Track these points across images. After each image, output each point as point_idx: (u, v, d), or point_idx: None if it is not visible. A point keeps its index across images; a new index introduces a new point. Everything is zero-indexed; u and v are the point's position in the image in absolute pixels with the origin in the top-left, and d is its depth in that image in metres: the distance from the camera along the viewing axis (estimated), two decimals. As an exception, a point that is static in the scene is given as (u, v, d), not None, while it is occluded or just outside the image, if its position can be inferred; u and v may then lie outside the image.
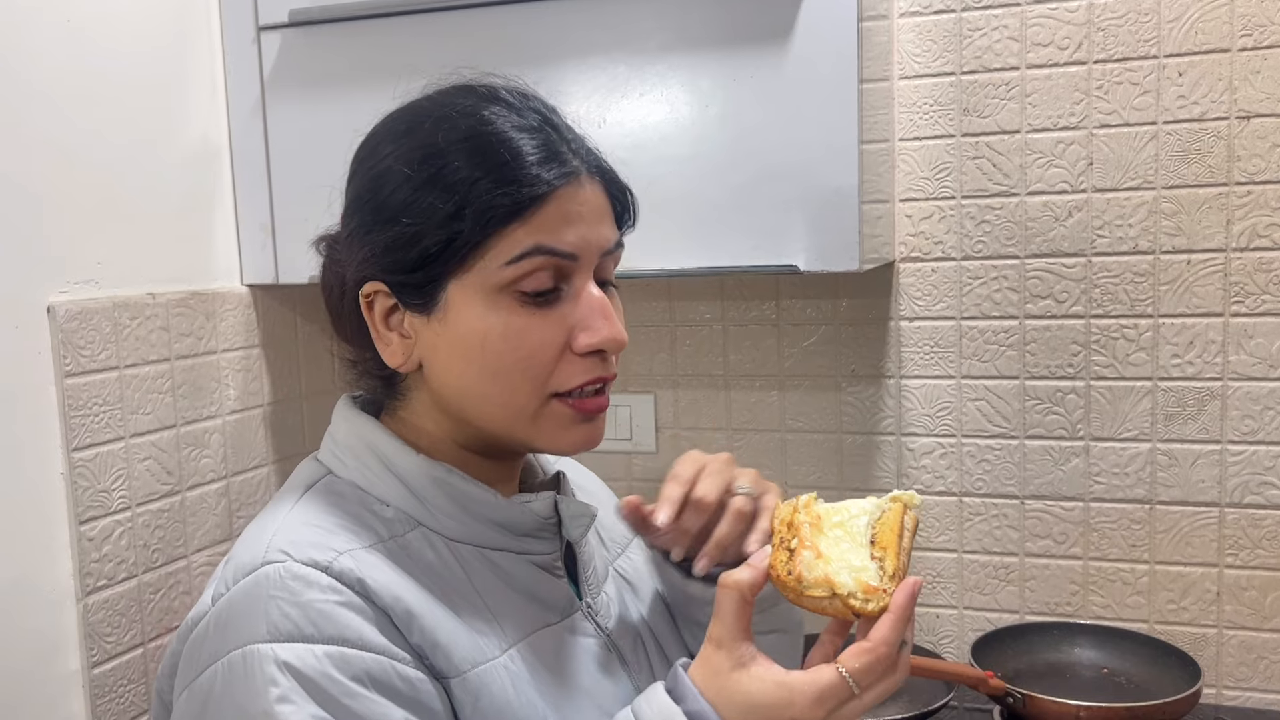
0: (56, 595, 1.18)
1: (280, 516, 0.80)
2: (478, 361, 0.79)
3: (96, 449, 1.22)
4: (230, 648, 0.71)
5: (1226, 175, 1.40)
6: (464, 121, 0.79)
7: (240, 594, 0.74)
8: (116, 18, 1.28)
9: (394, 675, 0.72)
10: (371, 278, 0.81)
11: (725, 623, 0.72)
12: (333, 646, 0.70)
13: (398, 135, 0.82)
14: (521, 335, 0.78)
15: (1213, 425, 1.44)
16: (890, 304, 1.55)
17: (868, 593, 0.69)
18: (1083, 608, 1.52)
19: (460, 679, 0.76)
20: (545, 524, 0.86)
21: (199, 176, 1.41)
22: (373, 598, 0.74)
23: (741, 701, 0.70)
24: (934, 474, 1.56)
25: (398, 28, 1.36)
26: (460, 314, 0.79)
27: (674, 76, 1.28)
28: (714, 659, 0.72)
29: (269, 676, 0.69)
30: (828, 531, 0.73)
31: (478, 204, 0.76)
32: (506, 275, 0.77)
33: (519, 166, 0.77)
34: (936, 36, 1.48)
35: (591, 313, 0.80)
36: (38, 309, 1.17)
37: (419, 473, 0.82)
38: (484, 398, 0.80)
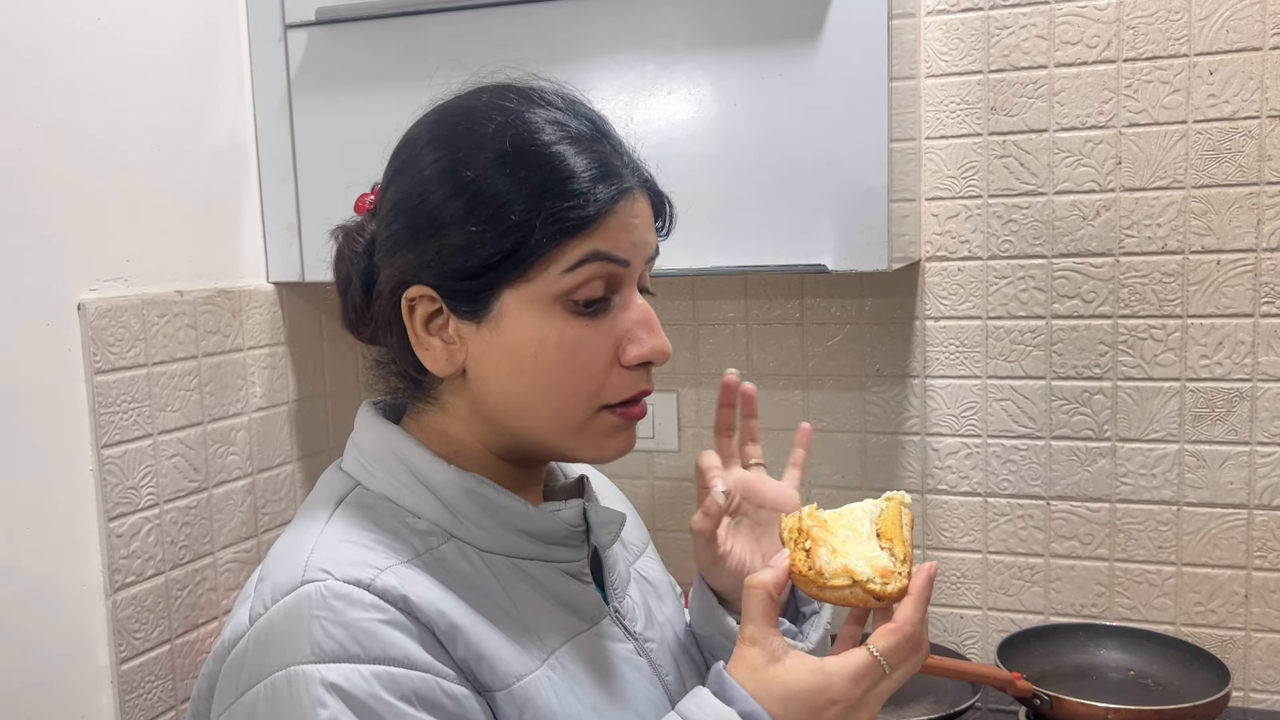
0: (86, 591, 1.19)
1: (315, 532, 0.78)
2: (530, 372, 0.78)
3: (125, 446, 1.23)
4: (273, 669, 0.70)
5: (1257, 175, 1.38)
6: (525, 129, 0.78)
7: (280, 614, 0.72)
8: (145, 16, 1.28)
9: (440, 693, 0.71)
10: (418, 282, 0.79)
11: (755, 620, 0.75)
12: (380, 666, 0.70)
13: (452, 138, 0.80)
14: (575, 346, 0.78)
15: (1241, 426, 1.43)
16: (915, 303, 1.55)
17: (885, 576, 0.75)
18: (1109, 609, 1.51)
19: (506, 692, 0.75)
20: (574, 531, 0.85)
21: (226, 174, 1.41)
22: (416, 614, 0.73)
23: (781, 692, 0.72)
24: (959, 474, 1.56)
25: (424, 26, 1.36)
26: (514, 323, 0.78)
27: (702, 74, 1.28)
28: (749, 656, 0.74)
29: (316, 698, 0.68)
30: (836, 532, 0.78)
31: (546, 216, 0.75)
32: (565, 284, 0.77)
33: (587, 180, 0.77)
34: (964, 35, 1.47)
35: (639, 324, 0.80)
36: (68, 306, 1.17)
37: (451, 484, 0.81)
38: (532, 409, 0.80)
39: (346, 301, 0.86)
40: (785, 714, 0.72)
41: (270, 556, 0.80)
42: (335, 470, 0.87)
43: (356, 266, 0.84)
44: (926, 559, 1.58)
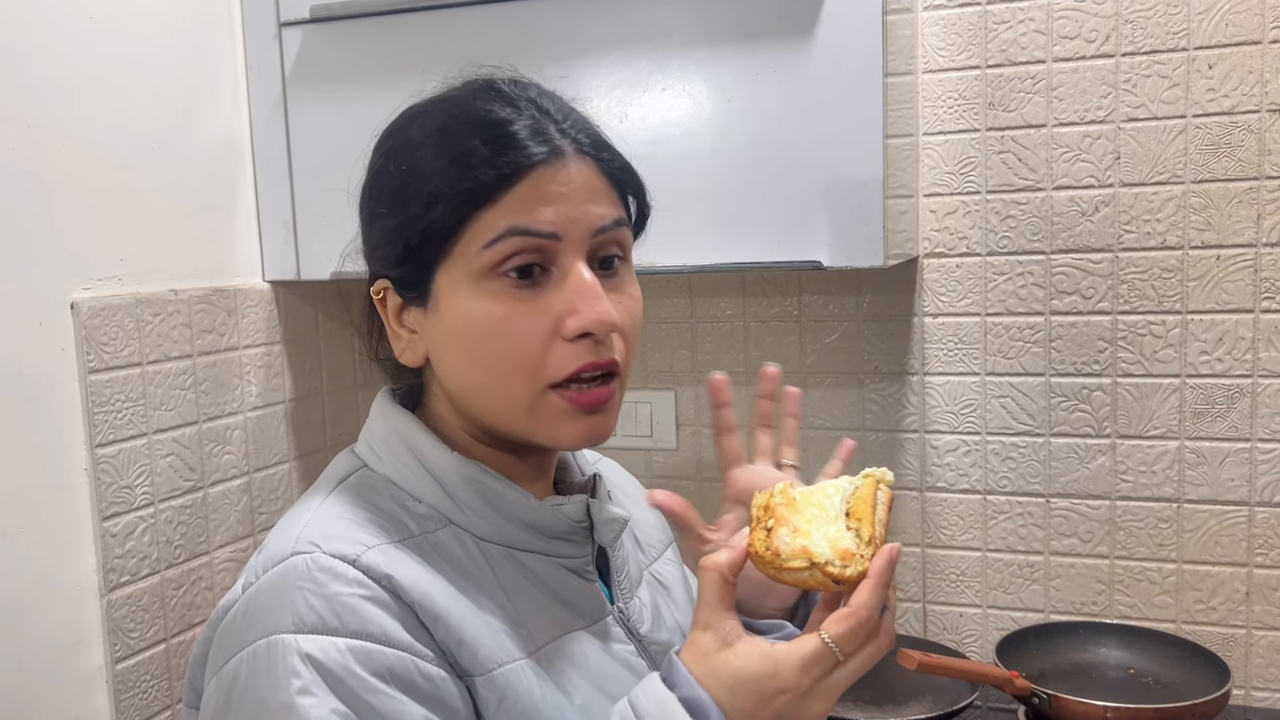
0: (80, 591, 1.19)
1: (313, 508, 0.80)
2: (466, 351, 0.79)
3: (119, 445, 1.22)
4: (255, 636, 0.72)
5: (1257, 169, 1.38)
6: (443, 113, 0.81)
7: (268, 583, 0.74)
8: (139, 14, 1.28)
9: (416, 672, 0.72)
10: (379, 275, 0.84)
11: (709, 604, 0.73)
12: (356, 641, 0.71)
13: (390, 134, 0.84)
14: (506, 321, 0.77)
15: (1242, 423, 1.42)
16: (914, 300, 1.54)
17: (845, 558, 0.70)
18: (1109, 607, 1.50)
19: (486, 677, 0.75)
20: (576, 527, 0.85)
21: (221, 173, 1.41)
22: (399, 593, 0.74)
23: (729, 678, 0.70)
24: (958, 472, 1.55)
25: (419, 23, 1.35)
26: (448, 304, 0.79)
27: (696, 71, 1.27)
28: (701, 641, 0.72)
29: (291, 668, 0.69)
30: (804, 510, 0.74)
31: (447, 190, 0.77)
32: (486, 259, 0.76)
33: (488, 151, 0.76)
34: (961, 30, 1.46)
35: (578, 295, 0.77)
36: (61, 305, 1.17)
37: (453, 471, 0.82)
38: (480, 389, 0.80)
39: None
40: (733, 701, 0.70)
41: (272, 531, 0.82)
42: (348, 453, 0.89)
43: None
44: (925, 556, 1.57)
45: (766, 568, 0.72)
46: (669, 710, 0.70)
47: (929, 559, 1.58)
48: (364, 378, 1.67)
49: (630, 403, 1.67)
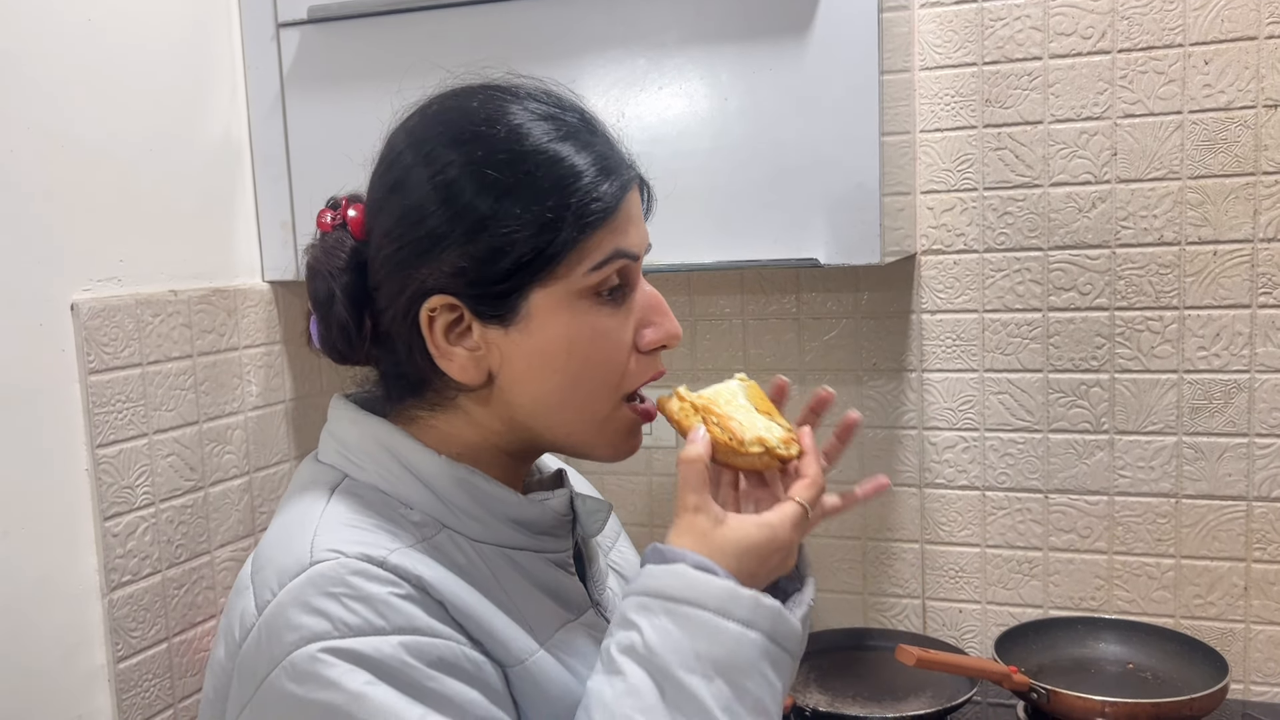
0: (81, 591, 1.19)
1: (314, 518, 0.78)
2: (562, 368, 0.80)
3: (120, 445, 1.23)
4: (292, 648, 0.70)
5: (1253, 165, 1.38)
6: (528, 129, 0.78)
7: (290, 596, 0.72)
8: (137, 16, 1.28)
9: (463, 659, 0.73)
10: (438, 292, 0.78)
11: (696, 490, 0.79)
12: (405, 636, 0.71)
13: (456, 144, 0.79)
14: (606, 336, 0.80)
15: (1240, 418, 1.42)
16: (912, 297, 1.54)
17: (787, 443, 0.84)
18: (1107, 602, 1.51)
19: (520, 667, 0.77)
20: (562, 521, 0.86)
21: (220, 173, 1.42)
22: (430, 592, 0.74)
23: (733, 548, 0.78)
24: (956, 468, 1.55)
25: (416, 23, 1.36)
26: (545, 321, 0.79)
27: (693, 70, 1.28)
28: (698, 523, 0.79)
29: (345, 669, 0.69)
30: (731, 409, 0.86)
31: (573, 211, 0.77)
32: (591, 281, 0.79)
33: (595, 174, 0.78)
34: (958, 27, 1.47)
35: (652, 310, 0.84)
36: (61, 307, 1.18)
37: (442, 475, 0.81)
38: (563, 404, 0.81)
39: (328, 320, 0.84)
40: (740, 566, 0.77)
41: (264, 547, 0.79)
42: (314, 463, 0.86)
43: (339, 282, 0.82)
44: (925, 553, 1.58)
45: (729, 455, 0.83)
46: (684, 575, 0.75)
47: (928, 555, 1.58)
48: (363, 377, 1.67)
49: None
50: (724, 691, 0.73)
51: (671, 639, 0.74)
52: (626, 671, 0.73)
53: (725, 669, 0.73)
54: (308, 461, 0.88)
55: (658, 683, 0.73)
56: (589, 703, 0.75)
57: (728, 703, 0.73)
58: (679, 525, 0.79)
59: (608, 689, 0.74)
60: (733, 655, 0.74)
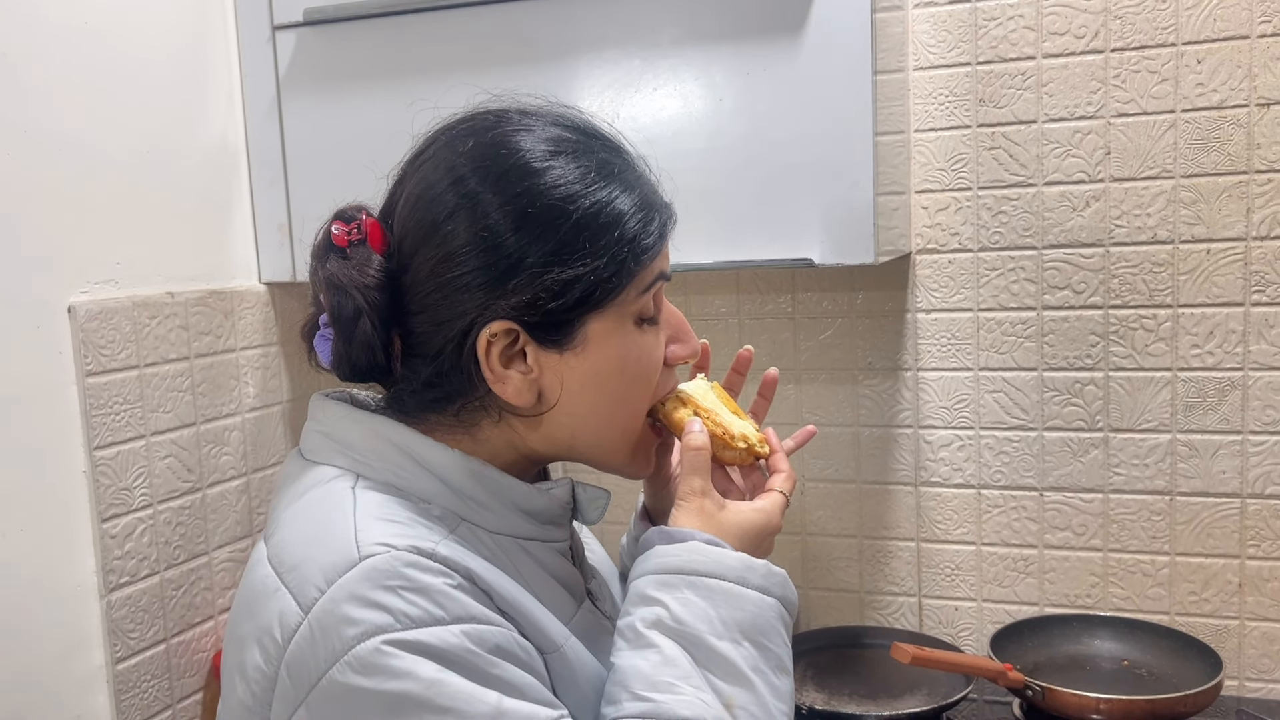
0: (80, 592, 1.20)
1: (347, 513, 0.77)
2: (613, 388, 0.83)
3: (118, 447, 1.23)
4: (354, 643, 0.69)
5: (1246, 163, 1.38)
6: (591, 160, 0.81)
7: (344, 592, 0.71)
8: (133, 19, 1.29)
9: (516, 645, 0.75)
10: (497, 318, 0.79)
11: (704, 475, 0.86)
12: (465, 624, 0.72)
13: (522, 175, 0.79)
14: (651, 354, 0.85)
15: (1234, 415, 1.43)
16: (907, 296, 1.55)
17: (761, 441, 0.92)
18: (1103, 600, 1.51)
19: (558, 653, 0.79)
20: (565, 510, 0.87)
21: (216, 176, 1.42)
22: (477, 581, 0.75)
23: (736, 529, 0.85)
24: (952, 466, 1.56)
25: (411, 25, 1.36)
26: (601, 345, 0.81)
27: (687, 70, 1.28)
28: (705, 506, 0.85)
29: (413, 660, 0.69)
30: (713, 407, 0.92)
31: (634, 244, 0.80)
32: (642, 304, 0.83)
33: (648, 203, 0.83)
34: (951, 27, 1.47)
35: (679, 328, 0.89)
36: (58, 309, 1.18)
37: (456, 468, 0.81)
38: (609, 422, 0.85)
39: (350, 337, 0.82)
40: (741, 548, 0.84)
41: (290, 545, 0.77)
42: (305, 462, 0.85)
43: (369, 298, 0.81)
44: (921, 551, 1.59)
45: (718, 448, 0.89)
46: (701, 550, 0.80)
47: (924, 553, 1.59)
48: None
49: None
50: (752, 653, 0.79)
51: (698, 609, 0.78)
52: (659, 644, 0.77)
53: (750, 632, 0.79)
54: (295, 461, 0.86)
55: (690, 651, 0.77)
56: (625, 679, 0.76)
57: (756, 663, 0.79)
58: (685, 508, 0.85)
59: (642, 662, 0.77)
60: (755, 619, 0.79)
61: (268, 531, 0.82)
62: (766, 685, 0.79)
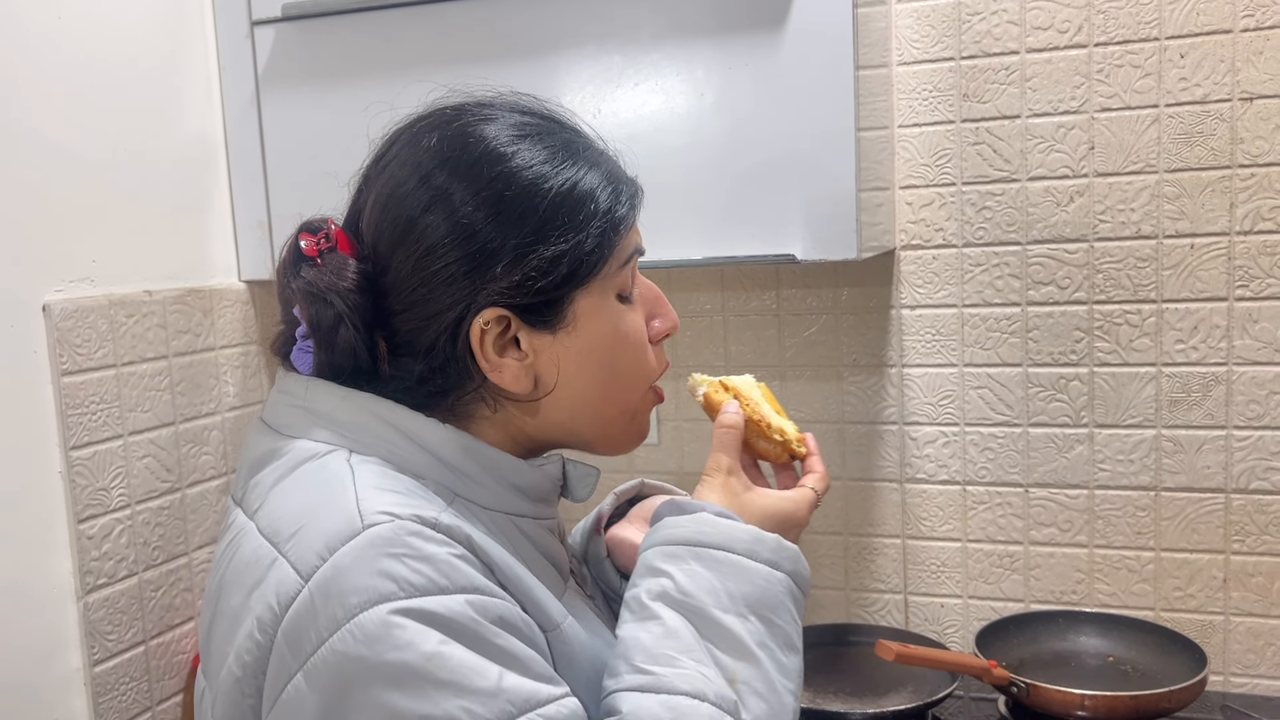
0: (57, 594, 1.18)
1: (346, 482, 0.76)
2: (608, 364, 0.83)
3: (94, 447, 1.22)
4: (356, 610, 0.68)
5: (1230, 158, 1.38)
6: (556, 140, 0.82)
7: (349, 559, 0.70)
8: (109, 14, 1.27)
9: (519, 619, 0.74)
10: (488, 306, 0.79)
11: (732, 455, 0.87)
12: (470, 595, 0.71)
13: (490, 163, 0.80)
14: (636, 328, 0.85)
15: (1218, 410, 1.43)
16: (891, 292, 1.54)
17: (799, 440, 0.92)
18: (1088, 596, 1.51)
19: (557, 632, 0.78)
20: (555, 487, 0.87)
21: (195, 173, 1.41)
22: (478, 553, 0.75)
23: (760, 512, 0.84)
24: (937, 463, 1.55)
25: (390, 20, 1.35)
26: (589, 322, 0.82)
27: (669, 66, 1.27)
28: (730, 484, 0.85)
29: (418, 628, 0.68)
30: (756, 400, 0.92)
31: (608, 217, 0.81)
32: (623, 277, 0.83)
33: (621, 180, 0.84)
34: (935, 21, 1.47)
35: (656, 302, 0.88)
36: (33, 308, 1.17)
37: (448, 443, 0.80)
38: (607, 399, 0.84)
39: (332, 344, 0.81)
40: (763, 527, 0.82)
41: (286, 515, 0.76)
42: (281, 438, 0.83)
43: (349, 302, 0.80)
44: (907, 548, 1.58)
45: (754, 435, 0.90)
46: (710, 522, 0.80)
47: (909, 550, 1.58)
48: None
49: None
50: (758, 628, 0.78)
51: (703, 581, 0.77)
52: (663, 616, 0.77)
53: (757, 606, 0.78)
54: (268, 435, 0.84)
55: (694, 624, 0.76)
56: (626, 651, 0.76)
57: (762, 638, 0.78)
58: (710, 483, 0.85)
59: (644, 634, 0.76)
60: (763, 593, 0.79)
61: (249, 505, 0.80)
62: (773, 661, 0.78)
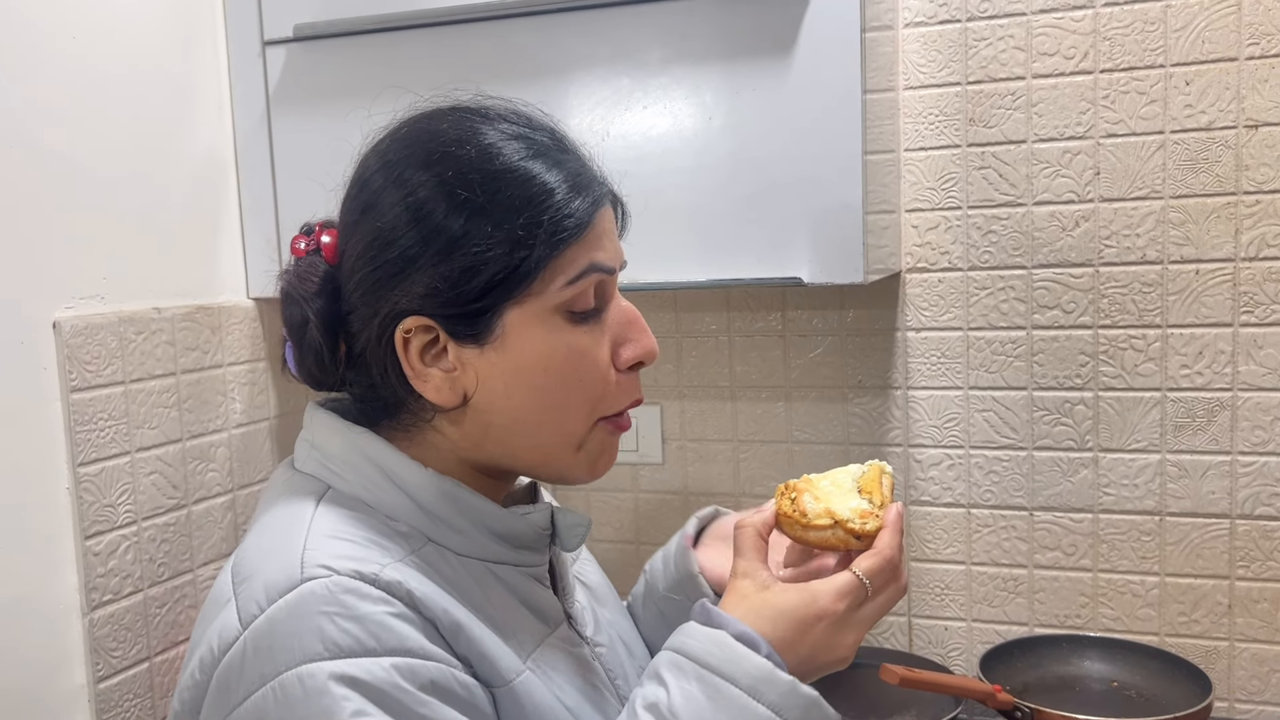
0: (62, 610, 1.19)
1: (302, 528, 0.76)
2: (540, 386, 0.79)
3: (102, 464, 1.22)
4: (281, 669, 0.68)
5: (1235, 184, 1.39)
6: (499, 148, 0.79)
7: (284, 613, 0.70)
8: (121, 32, 1.28)
9: (454, 682, 0.72)
10: (412, 313, 0.78)
11: (746, 556, 0.80)
12: (398, 658, 0.69)
13: (427, 165, 0.79)
14: (583, 354, 0.80)
15: (1223, 436, 1.43)
16: (897, 315, 1.55)
17: (864, 516, 0.81)
18: (1092, 620, 1.51)
19: (507, 688, 0.76)
20: (542, 535, 0.86)
21: (204, 191, 1.42)
22: (421, 609, 0.73)
23: (770, 612, 0.76)
24: (941, 485, 1.55)
25: (401, 42, 1.36)
26: (520, 339, 0.78)
27: (677, 89, 1.28)
28: (740, 587, 0.79)
29: (339, 694, 0.67)
30: (820, 486, 0.86)
31: (545, 227, 0.77)
32: (565, 296, 0.78)
33: (567, 190, 0.78)
34: (942, 46, 1.47)
35: (629, 326, 0.83)
36: (43, 324, 1.17)
37: (427, 487, 0.80)
38: (539, 426, 0.80)
39: (303, 346, 0.83)
40: (775, 631, 0.75)
41: (246, 556, 0.77)
42: (291, 470, 0.85)
43: (313, 307, 0.82)
44: (911, 570, 1.58)
45: (794, 528, 0.82)
46: (724, 645, 0.74)
47: (913, 573, 1.58)
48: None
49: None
50: None
51: (696, 706, 0.72)
52: None
53: None
54: (283, 468, 0.87)
55: None
56: None
57: None
58: (729, 588, 0.80)
59: None
60: None
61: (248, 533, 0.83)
62: None
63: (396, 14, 1.34)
